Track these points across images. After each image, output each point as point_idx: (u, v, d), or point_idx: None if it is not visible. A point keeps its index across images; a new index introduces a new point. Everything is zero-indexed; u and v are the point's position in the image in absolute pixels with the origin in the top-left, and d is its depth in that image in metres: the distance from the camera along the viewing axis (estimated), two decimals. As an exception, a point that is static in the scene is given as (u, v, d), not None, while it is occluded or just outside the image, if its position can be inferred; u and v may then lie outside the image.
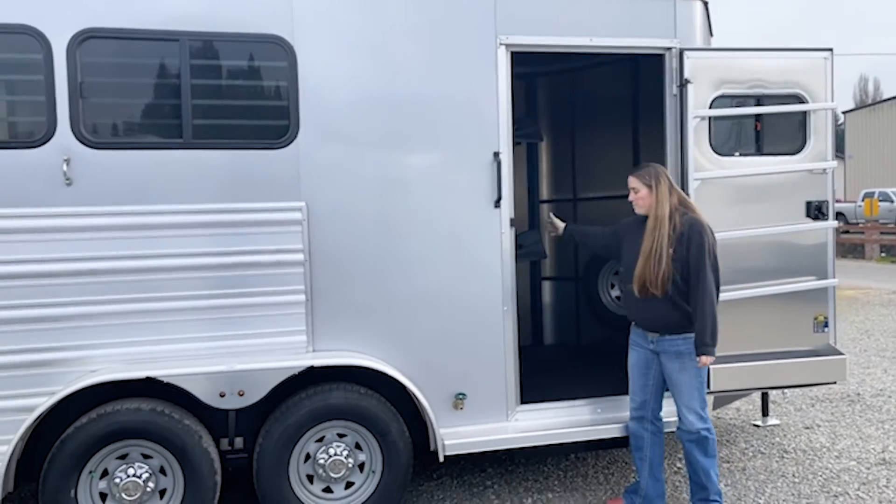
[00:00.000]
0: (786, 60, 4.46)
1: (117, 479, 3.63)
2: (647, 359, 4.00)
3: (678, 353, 3.91)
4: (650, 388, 4.03)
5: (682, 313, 3.88)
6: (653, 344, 3.96)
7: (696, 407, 3.94)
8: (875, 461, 4.92)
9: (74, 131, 3.65)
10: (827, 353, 4.54)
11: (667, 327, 3.90)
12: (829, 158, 4.52)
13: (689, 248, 3.84)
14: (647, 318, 3.95)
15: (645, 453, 4.07)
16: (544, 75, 6.52)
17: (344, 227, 4.00)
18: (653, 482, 4.12)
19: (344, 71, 3.98)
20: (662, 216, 3.86)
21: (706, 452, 3.99)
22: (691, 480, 4.09)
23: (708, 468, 4.01)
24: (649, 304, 3.88)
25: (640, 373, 4.04)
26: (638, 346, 4.04)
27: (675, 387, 3.96)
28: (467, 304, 4.18)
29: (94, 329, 3.70)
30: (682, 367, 3.91)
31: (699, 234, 3.87)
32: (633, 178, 4.00)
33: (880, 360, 8.02)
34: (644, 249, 3.85)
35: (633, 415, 4.10)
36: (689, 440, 3.99)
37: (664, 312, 3.88)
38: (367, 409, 3.90)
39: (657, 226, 3.85)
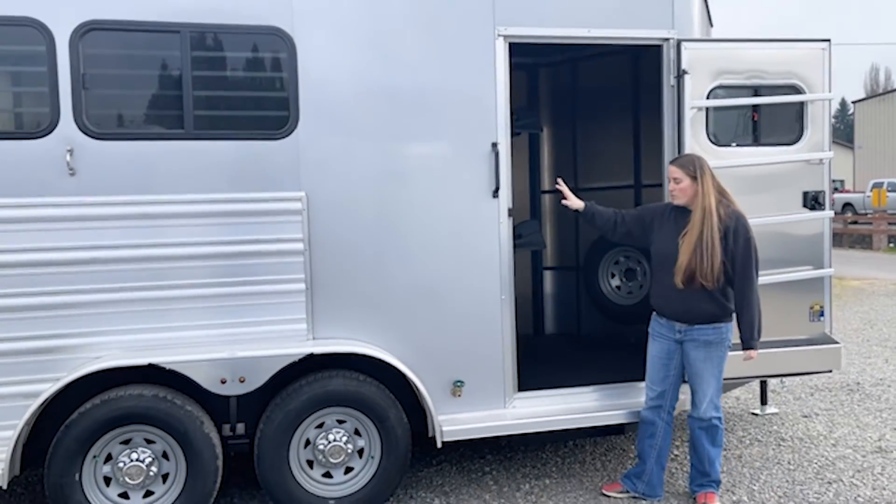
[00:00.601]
0: (783, 51, 4.48)
1: (121, 464, 3.71)
2: (669, 350, 4.04)
3: (707, 342, 3.95)
4: (670, 379, 4.08)
5: (717, 305, 3.92)
6: (680, 333, 4.00)
7: (713, 396, 4.00)
8: (871, 449, 4.96)
9: (77, 122, 3.71)
10: (823, 342, 4.58)
11: (700, 318, 3.94)
12: (825, 149, 4.54)
13: (737, 241, 3.86)
14: (681, 308, 3.96)
15: (656, 441, 4.12)
16: (546, 66, 6.55)
17: (343, 217, 4.05)
18: (657, 470, 4.18)
19: (344, 62, 4.02)
20: (711, 207, 3.86)
21: (714, 441, 4.04)
22: (693, 467, 4.15)
23: (714, 457, 4.06)
24: (687, 294, 3.90)
25: (661, 364, 4.08)
26: (662, 336, 4.07)
27: (697, 375, 4.00)
28: (465, 293, 4.23)
29: (98, 317, 3.77)
30: (707, 357, 3.96)
31: (745, 228, 3.91)
32: (676, 168, 3.98)
33: (882, 349, 8.04)
34: (692, 241, 3.84)
35: (649, 404, 4.14)
36: (701, 427, 4.04)
37: (701, 304, 3.91)
38: (365, 395, 3.96)
39: (706, 217, 3.85)
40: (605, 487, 4.32)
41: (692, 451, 4.15)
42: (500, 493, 4.36)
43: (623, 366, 4.82)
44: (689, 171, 3.94)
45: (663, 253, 4.00)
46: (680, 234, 3.92)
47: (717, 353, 3.97)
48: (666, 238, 4.01)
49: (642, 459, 4.20)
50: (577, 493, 4.33)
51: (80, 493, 3.64)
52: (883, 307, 10.91)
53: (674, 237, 3.95)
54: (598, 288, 6.17)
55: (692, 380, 4.04)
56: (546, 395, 4.44)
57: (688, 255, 3.84)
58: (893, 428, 5.39)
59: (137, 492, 3.76)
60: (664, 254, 4.00)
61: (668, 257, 3.96)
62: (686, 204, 3.95)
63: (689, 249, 3.84)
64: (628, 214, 4.26)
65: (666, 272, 3.97)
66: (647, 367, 4.16)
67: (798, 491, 4.30)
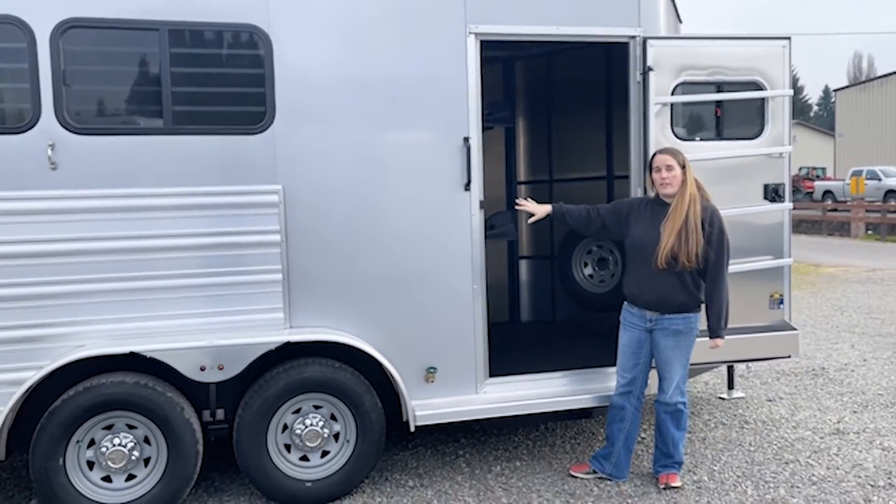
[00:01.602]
0: (745, 48, 4.64)
1: (103, 448, 3.84)
2: (640, 339, 4.21)
3: (676, 331, 4.13)
4: (640, 367, 4.25)
5: (688, 295, 4.10)
6: (650, 322, 4.17)
7: (679, 382, 4.19)
8: (829, 431, 5.17)
9: (58, 117, 3.81)
10: (782, 329, 4.77)
11: (672, 307, 4.11)
12: (785, 143, 4.71)
13: (713, 233, 4.04)
14: (655, 297, 4.11)
15: (625, 425, 4.30)
16: (523, 59, 6.68)
17: (319, 209, 4.18)
18: (625, 452, 4.36)
19: (319, 59, 4.14)
20: (695, 195, 4.05)
21: (678, 425, 4.23)
22: (658, 449, 4.34)
23: (677, 440, 4.25)
24: (661, 284, 4.06)
25: (632, 352, 4.24)
26: (633, 326, 4.23)
27: (665, 362, 4.18)
28: (438, 283, 4.38)
29: (81, 307, 3.88)
30: (676, 345, 4.14)
31: (720, 220, 4.10)
32: (670, 157, 4.11)
33: (850, 335, 8.27)
34: (677, 224, 3.98)
35: (620, 390, 4.31)
36: (666, 411, 4.22)
37: (674, 293, 4.08)
38: (341, 382, 4.11)
39: (692, 202, 4.02)
40: (572, 468, 4.50)
41: (657, 433, 4.33)
42: (472, 475, 4.53)
43: (594, 352, 4.99)
44: (679, 161, 4.11)
45: (641, 242, 4.14)
46: (660, 224, 4.07)
47: (686, 341, 4.16)
48: (645, 228, 4.15)
49: (611, 442, 4.37)
50: (546, 474, 4.51)
51: (63, 476, 3.78)
52: (855, 294, 11.17)
53: (654, 227, 4.09)
54: (572, 276, 6.33)
55: (660, 366, 4.22)
56: (516, 380, 4.60)
57: (672, 237, 3.99)
58: (853, 411, 5.60)
59: (120, 475, 3.89)
60: (642, 243, 4.14)
61: (646, 246, 4.10)
62: (673, 193, 4.09)
63: (674, 232, 3.99)
64: (602, 208, 4.39)
65: (643, 262, 4.12)
66: (618, 355, 4.33)
67: (756, 471, 4.50)
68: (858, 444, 4.90)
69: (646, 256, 4.09)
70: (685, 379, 4.24)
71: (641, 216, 4.20)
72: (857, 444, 4.90)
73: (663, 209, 4.10)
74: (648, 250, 4.07)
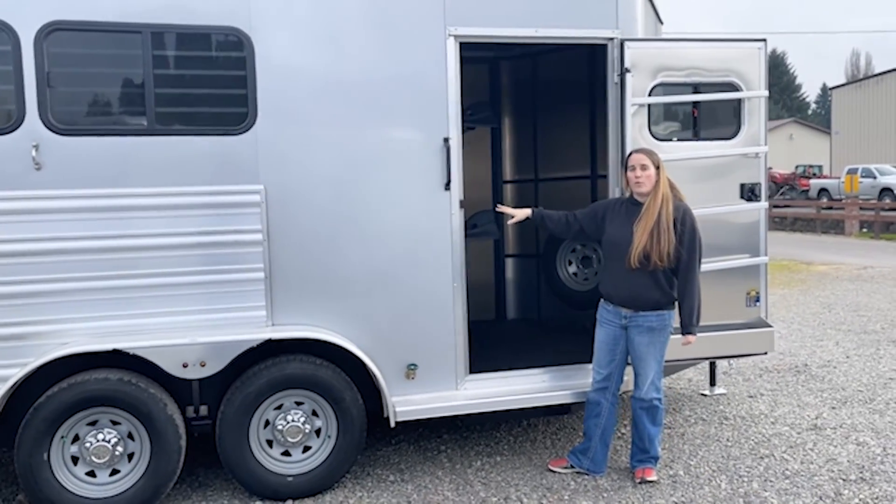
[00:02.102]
0: (722, 50, 4.71)
1: (88, 444, 3.91)
2: (615, 335, 4.29)
3: (650, 328, 4.20)
4: (616, 363, 4.33)
5: (662, 293, 4.18)
6: (625, 319, 4.24)
7: (654, 378, 4.26)
8: (807, 426, 5.25)
9: (42, 119, 3.88)
10: (758, 326, 4.84)
11: (645, 304, 4.18)
12: (761, 143, 4.79)
13: (685, 231, 4.12)
14: (629, 295, 4.20)
15: (601, 420, 4.38)
16: (507, 59, 6.75)
17: (301, 209, 4.25)
18: (601, 447, 4.44)
19: (300, 61, 4.21)
20: (668, 195, 4.13)
21: (654, 421, 4.30)
22: (634, 444, 4.41)
23: (653, 435, 4.33)
24: (635, 282, 4.14)
25: (608, 349, 4.32)
26: (608, 322, 4.31)
27: (640, 359, 4.25)
28: (419, 281, 4.45)
29: (65, 305, 3.95)
30: (650, 342, 4.22)
31: (692, 219, 4.18)
32: (644, 156, 4.19)
33: (835, 332, 8.35)
34: (649, 224, 4.06)
35: (596, 386, 4.38)
36: (642, 407, 4.30)
37: (647, 291, 4.16)
38: (322, 378, 4.18)
39: (664, 203, 4.10)
40: (551, 463, 4.58)
41: (634, 429, 4.41)
42: (453, 470, 4.60)
43: (578, 349, 5.04)
44: (654, 160, 4.19)
45: (616, 241, 4.23)
46: (633, 223, 4.15)
47: (660, 338, 4.23)
48: (619, 227, 4.23)
49: (588, 437, 4.45)
50: (526, 469, 4.59)
51: (48, 471, 3.85)
52: (844, 292, 11.25)
53: (627, 226, 4.17)
54: (556, 275, 6.40)
55: (636, 363, 4.29)
56: (496, 377, 4.67)
57: (644, 236, 4.07)
58: (832, 407, 5.68)
59: (104, 470, 3.97)
60: (617, 242, 4.22)
61: (620, 245, 4.18)
62: (647, 192, 4.16)
63: (646, 231, 4.07)
64: (579, 212, 4.47)
65: (617, 260, 4.20)
66: (594, 352, 4.41)
67: (731, 465, 4.58)
68: (834, 440, 4.98)
69: (620, 255, 4.16)
70: (660, 375, 4.31)
71: (616, 216, 4.28)
72: (833, 440, 4.98)
73: (637, 209, 4.18)
74: (622, 249, 4.15)
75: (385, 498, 4.24)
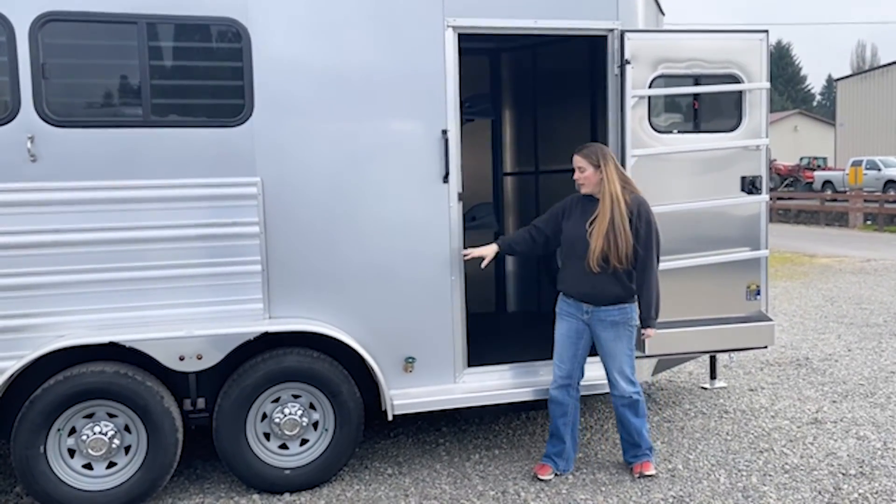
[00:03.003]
0: (723, 42, 4.66)
1: (84, 437, 3.90)
2: (578, 329, 4.25)
3: (614, 322, 4.17)
4: (578, 358, 4.29)
5: (623, 287, 4.14)
6: (587, 314, 4.21)
7: (628, 373, 4.23)
8: (807, 420, 5.22)
9: (37, 110, 3.86)
10: (758, 320, 4.81)
11: (606, 299, 4.15)
12: (762, 135, 4.75)
13: (640, 225, 4.09)
14: (590, 291, 4.16)
15: (569, 419, 4.33)
16: (508, 50, 6.70)
17: (298, 201, 4.23)
18: (573, 444, 4.40)
19: (297, 52, 4.18)
20: (617, 193, 4.08)
21: (637, 413, 4.28)
22: (624, 441, 4.39)
23: (640, 427, 4.30)
24: (596, 279, 4.11)
25: (571, 342, 4.28)
26: (570, 316, 4.27)
27: (609, 355, 4.22)
28: (417, 274, 4.43)
29: (61, 297, 3.93)
30: (616, 336, 4.18)
31: (648, 212, 4.14)
32: (580, 158, 4.19)
33: (837, 325, 8.32)
34: (604, 227, 4.03)
35: (559, 382, 4.31)
36: (623, 404, 4.26)
37: (608, 287, 4.12)
38: (319, 371, 4.17)
39: (615, 202, 4.06)
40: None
41: (620, 426, 4.35)
42: (451, 463, 4.59)
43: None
44: (592, 161, 4.15)
45: (572, 239, 4.20)
46: (587, 220, 4.13)
47: (626, 331, 4.19)
48: (574, 225, 4.21)
49: (560, 438, 4.34)
50: (524, 462, 4.57)
51: (44, 464, 3.84)
52: (847, 284, 11.20)
53: (581, 223, 4.15)
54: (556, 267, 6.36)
55: (607, 361, 4.23)
56: (495, 370, 4.65)
57: (601, 240, 4.04)
58: (832, 401, 5.66)
59: (101, 463, 3.96)
60: (573, 239, 4.19)
61: (576, 242, 4.15)
62: (592, 192, 4.16)
63: (602, 235, 4.04)
64: (540, 223, 4.40)
65: (576, 257, 4.17)
66: (555, 346, 4.33)
67: (730, 459, 4.56)
68: (834, 434, 4.96)
69: (577, 252, 4.14)
70: (633, 368, 4.25)
71: (573, 213, 4.26)
72: (834, 434, 4.96)
73: (592, 205, 4.16)
74: (578, 247, 4.13)
75: (383, 491, 4.23)
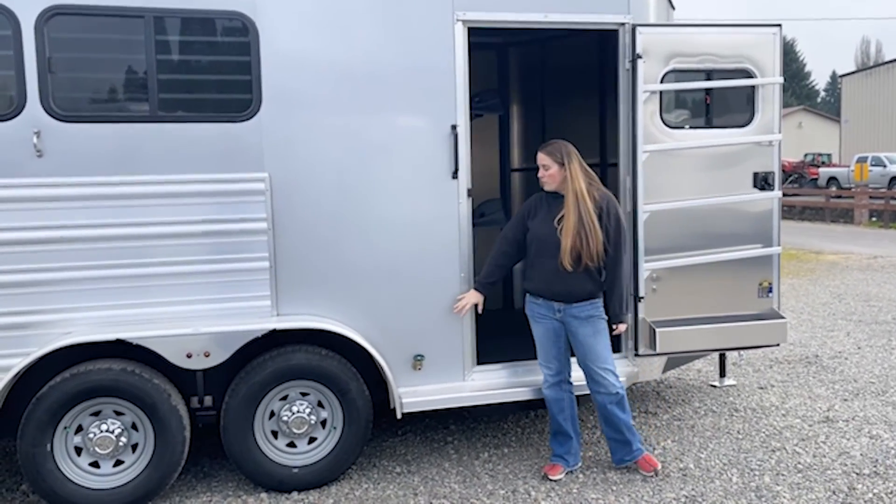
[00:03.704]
0: (736, 36, 4.60)
1: (91, 435, 3.87)
2: (555, 328, 4.20)
3: (589, 316, 4.12)
4: (562, 354, 4.25)
5: (594, 283, 4.12)
6: (559, 313, 4.15)
7: (612, 367, 4.17)
8: (819, 419, 5.17)
9: (44, 105, 3.81)
10: (770, 317, 4.76)
11: (579, 296, 4.10)
12: (775, 131, 4.69)
13: (609, 223, 4.06)
14: (563, 290, 4.10)
15: (567, 413, 4.29)
16: (516, 45, 6.65)
17: (306, 197, 4.18)
18: (577, 439, 4.36)
19: (305, 46, 4.13)
20: (582, 190, 4.04)
21: (624, 409, 4.22)
22: (614, 441, 4.28)
23: (629, 423, 4.24)
24: (569, 277, 4.05)
25: (552, 343, 4.23)
26: (544, 317, 4.21)
27: (590, 350, 4.13)
28: (426, 270, 4.38)
29: (67, 294, 3.90)
30: (594, 331, 4.13)
31: (616, 208, 4.12)
32: (544, 156, 4.13)
33: (846, 323, 8.26)
34: (572, 224, 3.99)
35: (550, 381, 4.27)
36: (611, 402, 4.17)
37: (582, 284, 4.08)
38: (327, 369, 4.13)
39: (580, 200, 4.02)
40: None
41: (608, 427, 4.24)
42: (460, 462, 4.55)
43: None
44: (556, 158, 4.10)
45: (540, 237, 4.13)
46: (554, 218, 4.08)
47: (601, 324, 4.15)
48: (541, 223, 4.15)
49: (565, 434, 4.31)
50: (534, 461, 4.53)
51: (51, 462, 3.81)
52: (854, 281, 11.13)
53: (549, 221, 4.10)
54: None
55: (587, 358, 4.14)
56: (504, 368, 4.61)
57: (571, 238, 3.99)
58: (843, 399, 5.61)
59: (108, 461, 3.93)
60: (541, 237, 4.12)
61: (545, 240, 4.09)
62: (556, 189, 4.12)
63: (573, 233, 3.99)
64: (509, 233, 4.29)
65: (545, 256, 4.10)
66: (538, 350, 4.29)
67: (742, 458, 4.51)
68: (847, 432, 4.91)
69: (547, 250, 4.08)
70: (613, 362, 4.19)
71: (539, 211, 4.21)
72: (846, 433, 4.91)
73: (558, 202, 4.12)
74: (547, 244, 4.07)
75: (391, 490, 4.20)
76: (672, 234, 4.60)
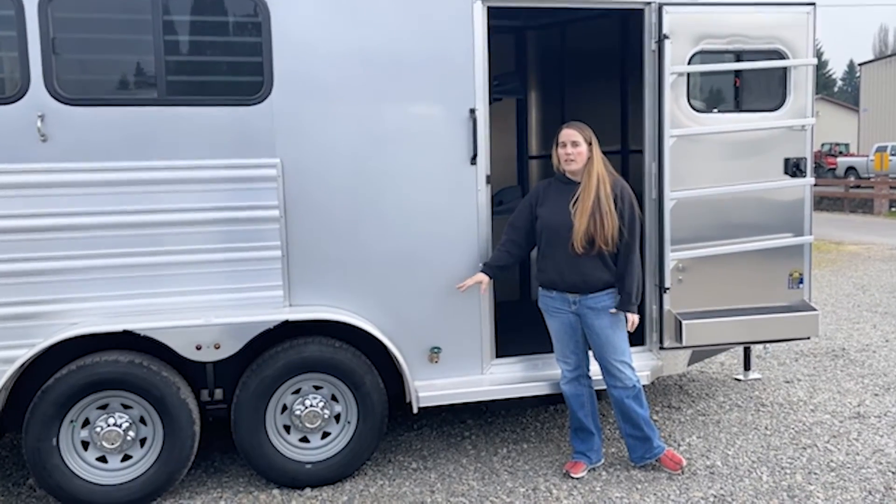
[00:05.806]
0: (767, 15, 4.40)
1: (98, 428, 3.75)
2: (571, 322, 4.04)
3: (606, 307, 3.96)
4: (580, 347, 4.10)
5: (609, 272, 3.94)
6: (575, 305, 3.99)
7: (629, 360, 4.02)
8: (849, 415, 4.99)
9: (48, 87, 3.68)
10: (801, 309, 4.58)
11: (594, 286, 3.94)
12: (808, 115, 4.50)
13: (624, 208, 3.91)
14: (578, 279, 3.93)
15: (587, 409, 4.14)
16: (535, 28, 6.46)
17: (319, 184, 4.03)
18: (598, 434, 4.22)
19: (318, 27, 3.97)
20: (603, 173, 3.91)
21: (642, 403, 4.06)
22: (631, 438, 4.11)
23: (647, 417, 4.08)
24: (582, 265, 3.90)
25: (568, 336, 4.07)
26: (559, 311, 4.05)
27: (608, 343, 3.97)
28: (443, 260, 4.23)
29: (74, 283, 3.77)
30: (612, 323, 3.97)
31: (630, 195, 3.96)
32: (575, 132, 3.96)
33: (871, 315, 8.05)
34: (588, 206, 3.84)
35: (569, 377, 4.13)
36: (629, 396, 4.02)
37: (597, 272, 3.91)
38: (341, 362, 3.99)
39: (600, 182, 3.88)
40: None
41: (625, 422, 4.08)
42: (478, 458, 4.41)
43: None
44: (586, 137, 3.96)
45: (555, 225, 3.95)
46: (568, 202, 3.91)
47: (619, 316, 3.98)
48: (553, 210, 3.97)
49: (587, 431, 4.17)
50: (554, 457, 4.38)
51: (57, 457, 3.69)
52: (878, 272, 10.90)
53: (562, 207, 3.92)
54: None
55: (604, 350, 3.99)
56: (524, 361, 4.46)
57: (585, 219, 3.83)
58: (874, 394, 5.42)
59: (115, 456, 3.81)
60: (556, 225, 3.94)
61: (560, 228, 3.92)
62: (578, 170, 3.94)
63: (587, 214, 3.83)
64: (517, 221, 4.13)
65: (558, 246, 3.94)
66: (554, 344, 4.15)
67: (772, 456, 4.34)
68: (879, 429, 4.73)
69: (560, 240, 3.92)
70: (630, 354, 4.05)
71: (548, 198, 4.03)
72: (879, 429, 4.73)
73: (569, 188, 3.95)
74: (562, 233, 3.90)
75: (408, 486, 4.06)
76: (699, 222, 4.42)
